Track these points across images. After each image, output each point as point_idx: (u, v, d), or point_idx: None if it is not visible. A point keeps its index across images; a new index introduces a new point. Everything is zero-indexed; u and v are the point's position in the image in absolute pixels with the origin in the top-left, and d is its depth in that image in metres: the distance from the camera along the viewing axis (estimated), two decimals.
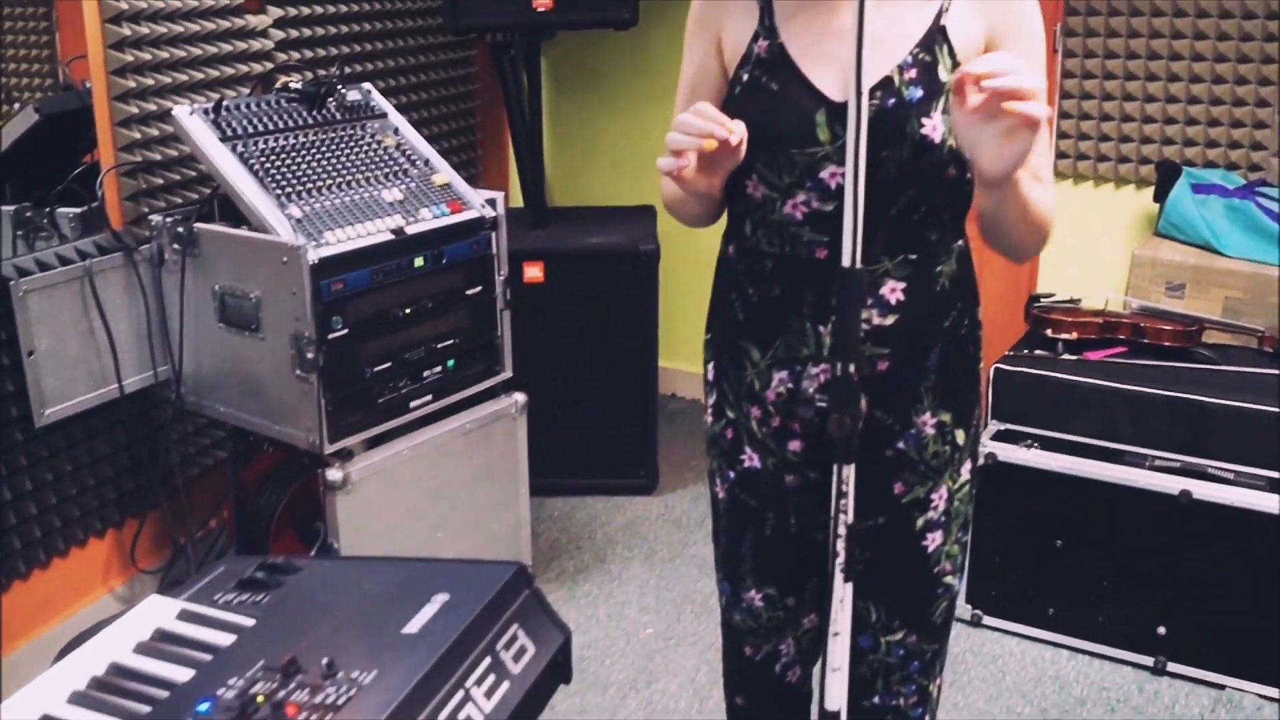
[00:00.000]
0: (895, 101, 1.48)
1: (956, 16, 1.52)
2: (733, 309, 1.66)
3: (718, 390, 1.73)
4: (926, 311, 1.57)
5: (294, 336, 2.50)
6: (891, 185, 1.49)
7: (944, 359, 1.61)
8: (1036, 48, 1.54)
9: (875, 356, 1.57)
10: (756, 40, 1.57)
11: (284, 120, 2.71)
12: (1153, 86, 3.37)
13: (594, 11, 3.25)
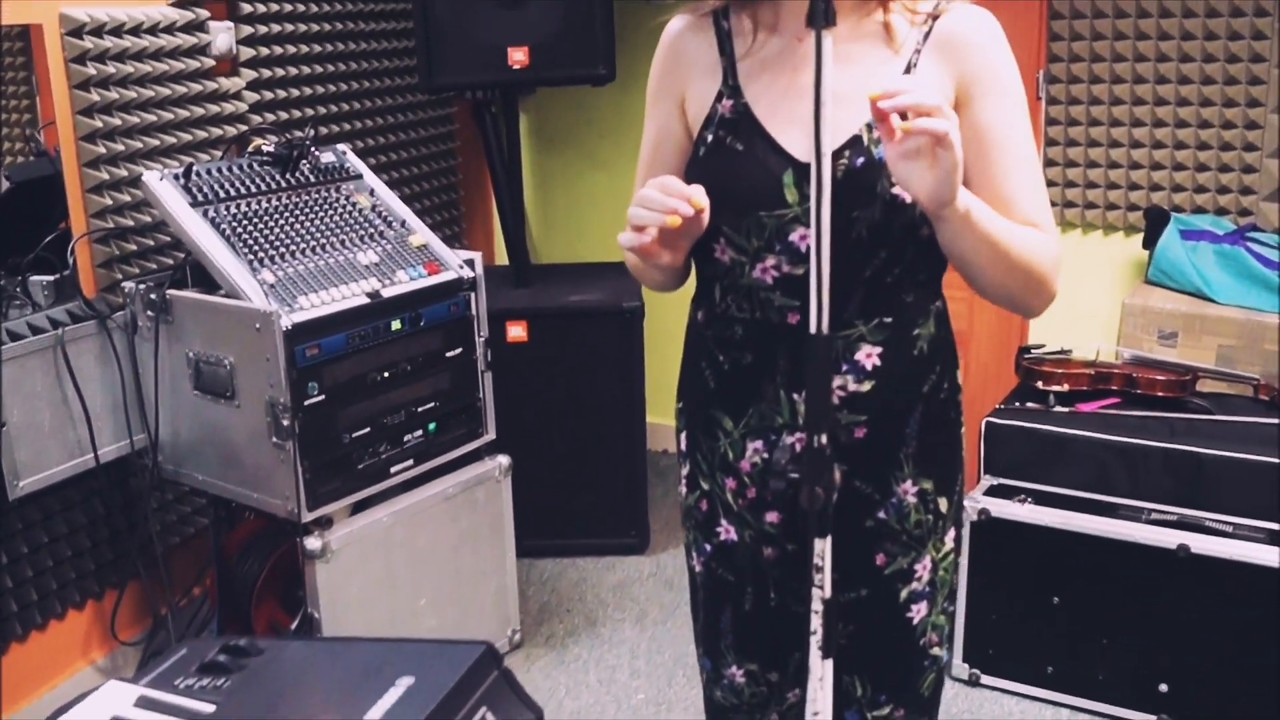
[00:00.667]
0: (865, 161, 1.44)
1: (924, 71, 1.48)
2: (703, 377, 1.61)
3: (691, 461, 1.68)
4: (904, 376, 1.52)
5: (269, 403, 2.46)
6: (863, 247, 1.45)
7: (924, 425, 1.55)
8: (1011, 97, 1.49)
9: (852, 424, 1.51)
10: (720, 100, 1.54)
11: (256, 184, 2.68)
12: (1138, 132, 3.34)
13: (571, 68, 3.23)
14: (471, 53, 3.19)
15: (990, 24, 1.50)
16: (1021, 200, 1.47)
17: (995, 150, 1.47)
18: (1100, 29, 3.31)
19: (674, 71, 1.60)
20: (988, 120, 1.47)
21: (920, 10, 1.49)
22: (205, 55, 2.95)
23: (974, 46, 1.47)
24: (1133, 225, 3.40)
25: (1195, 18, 3.19)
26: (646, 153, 1.66)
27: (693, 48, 1.58)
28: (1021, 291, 1.49)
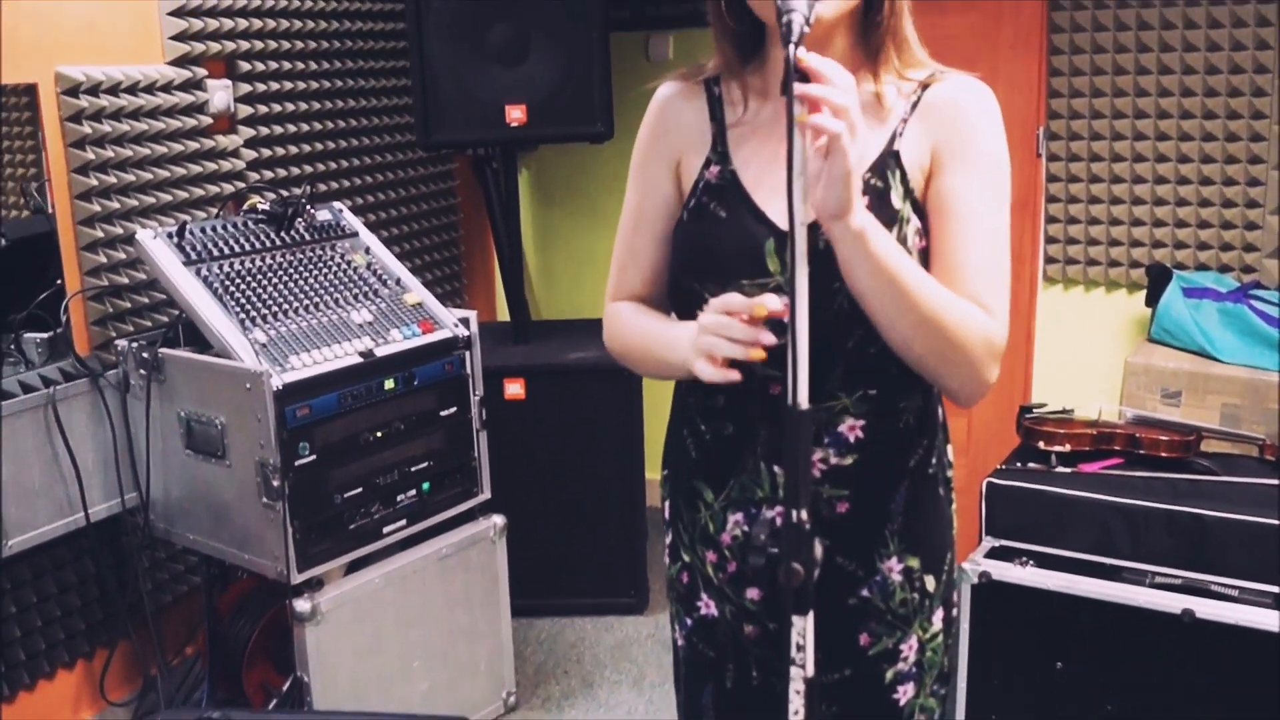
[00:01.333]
0: None
1: (910, 140, 1.45)
2: (685, 446, 1.58)
3: (674, 531, 1.64)
4: (889, 450, 1.48)
5: (259, 464, 2.44)
6: (845, 318, 1.41)
7: (910, 500, 1.51)
8: (984, 170, 1.43)
9: (834, 498, 1.48)
10: (708, 166, 1.52)
11: (250, 242, 2.67)
12: (1140, 189, 3.32)
13: (569, 126, 3.23)
14: (469, 110, 3.20)
15: (978, 94, 1.46)
16: (971, 274, 1.41)
17: (954, 220, 1.42)
18: (1100, 86, 3.31)
19: (666, 137, 1.58)
20: (953, 188, 1.43)
21: (911, 78, 1.47)
22: (203, 113, 2.96)
23: (955, 114, 1.44)
24: (1135, 282, 3.37)
25: (1195, 74, 3.19)
26: (631, 216, 1.63)
27: (684, 113, 1.57)
28: (936, 360, 1.39)
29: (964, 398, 1.45)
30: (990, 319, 1.41)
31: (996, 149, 1.45)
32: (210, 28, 2.96)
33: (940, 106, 1.45)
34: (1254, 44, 3.10)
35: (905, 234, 1.42)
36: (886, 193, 1.43)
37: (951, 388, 1.44)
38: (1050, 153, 3.41)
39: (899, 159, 1.44)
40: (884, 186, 1.43)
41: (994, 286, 1.42)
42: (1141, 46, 3.23)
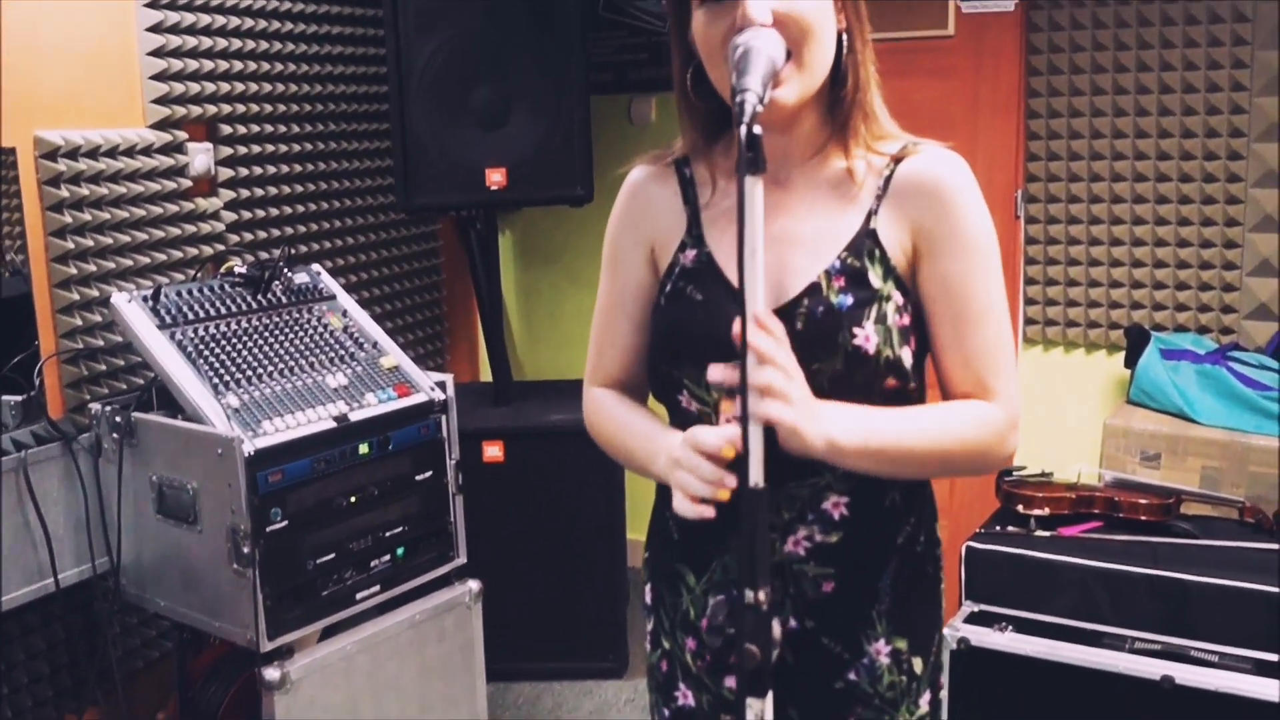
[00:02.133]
0: (824, 310, 1.39)
1: (887, 218, 1.43)
2: (668, 528, 1.56)
3: (655, 616, 1.61)
4: (875, 528, 1.45)
5: (230, 530, 2.42)
6: (825, 398, 1.38)
7: (898, 579, 1.48)
8: (972, 250, 1.42)
9: (820, 577, 1.45)
10: (684, 250, 1.51)
11: (226, 305, 2.67)
12: (1118, 250, 3.34)
13: (549, 189, 3.24)
14: (449, 173, 3.21)
15: (954, 171, 1.43)
16: (976, 361, 1.42)
17: (953, 307, 1.42)
18: (1076, 149, 3.33)
19: (639, 222, 1.57)
20: (946, 274, 1.42)
21: (883, 152, 1.45)
22: (183, 176, 2.97)
23: (933, 197, 1.42)
24: (1115, 344, 3.38)
25: (1171, 137, 3.21)
26: (607, 301, 1.60)
27: (657, 197, 1.55)
28: (955, 472, 1.46)
29: (990, 473, 1.48)
30: (997, 406, 1.43)
31: (981, 224, 1.44)
32: (192, 91, 2.98)
33: (917, 185, 1.43)
34: (1229, 108, 3.13)
35: (885, 311, 1.40)
36: (864, 273, 1.42)
37: (977, 475, 1.50)
38: (1029, 214, 3.43)
39: (876, 238, 1.43)
40: (861, 267, 1.42)
41: (998, 367, 1.43)
42: (1117, 110, 3.26)
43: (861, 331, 1.38)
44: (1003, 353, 1.44)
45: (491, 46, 3.17)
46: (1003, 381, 1.43)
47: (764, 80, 1.25)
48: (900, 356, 1.40)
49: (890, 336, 1.40)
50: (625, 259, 1.58)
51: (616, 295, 1.59)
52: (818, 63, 1.38)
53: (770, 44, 1.30)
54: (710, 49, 1.38)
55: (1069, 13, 3.27)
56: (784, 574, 1.46)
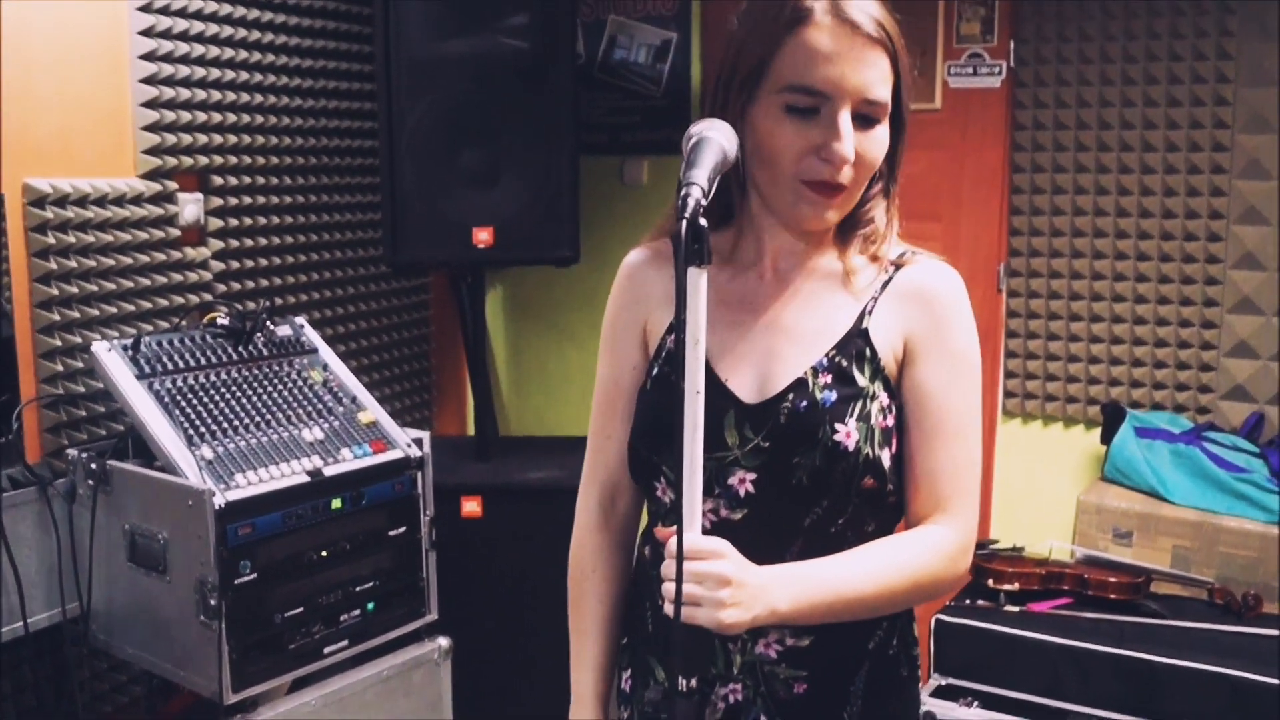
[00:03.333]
0: (808, 404, 1.41)
1: (880, 317, 1.46)
2: (644, 619, 1.57)
3: (629, 706, 1.62)
4: (847, 631, 1.45)
5: (198, 581, 2.43)
6: (804, 494, 1.41)
7: (871, 683, 1.49)
8: (956, 363, 1.45)
9: (792, 679, 1.46)
10: (670, 333, 1.52)
11: (207, 356, 2.69)
12: (1097, 327, 3.36)
13: (536, 250, 3.27)
14: (437, 231, 3.23)
15: (951, 284, 1.48)
16: (940, 479, 1.44)
17: (927, 419, 1.44)
18: (1059, 225, 3.37)
19: (634, 306, 1.59)
20: (927, 385, 1.45)
21: (882, 256, 1.48)
22: (172, 225, 3.00)
23: (928, 306, 1.45)
24: (1092, 419, 3.39)
25: (1151, 218, 3.25)
26: (604, 393, 1.61)
27: (651, 280, 1.58)
28: (908, 605, 1.47)
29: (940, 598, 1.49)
30: (951, 529, 1.44)
31: (970, 341, 1.47)
32: (184, 142, 3.02)
33: (914, 292, 1.46)
34: (1209, 190, 3.16)
35: (869, 410, 1.42)
36: (851, 371, 1.43)
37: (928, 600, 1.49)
38: (1010, 289, 3.46)
39: (868, 337, 1.45)
40: (849, 365, 1.44)
41: (961, 485, 1.45)
42: (1099, 189, 3.30)
43: (844, 427, 1.40)
44: (969, 472, 1.46)
45: (483, 106, 3.21)
46: (963, 501, 1.45)
47: (711, 174, 1.27)
48: (880, 457, 1.42)
49: (872, 435, 1.41)
50: (620, 347, 1.59)
51: (613, 386, 1.60)
52: (858, 194, 1.44)
53: (725, 137, 1.32)
54: (775, 155, 1.41)
55: (1053, 91, 3.32)
56: (755, 673, 1.47)
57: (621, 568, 1.66)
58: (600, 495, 1.65)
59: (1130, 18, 3.19)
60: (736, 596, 1.27)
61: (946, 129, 3.45)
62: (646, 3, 3.84)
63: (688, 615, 1.25)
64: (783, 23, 1.39)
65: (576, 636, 1.65)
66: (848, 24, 1.37)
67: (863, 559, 1.40)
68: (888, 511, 1.48)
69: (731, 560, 1.29)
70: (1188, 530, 3.00)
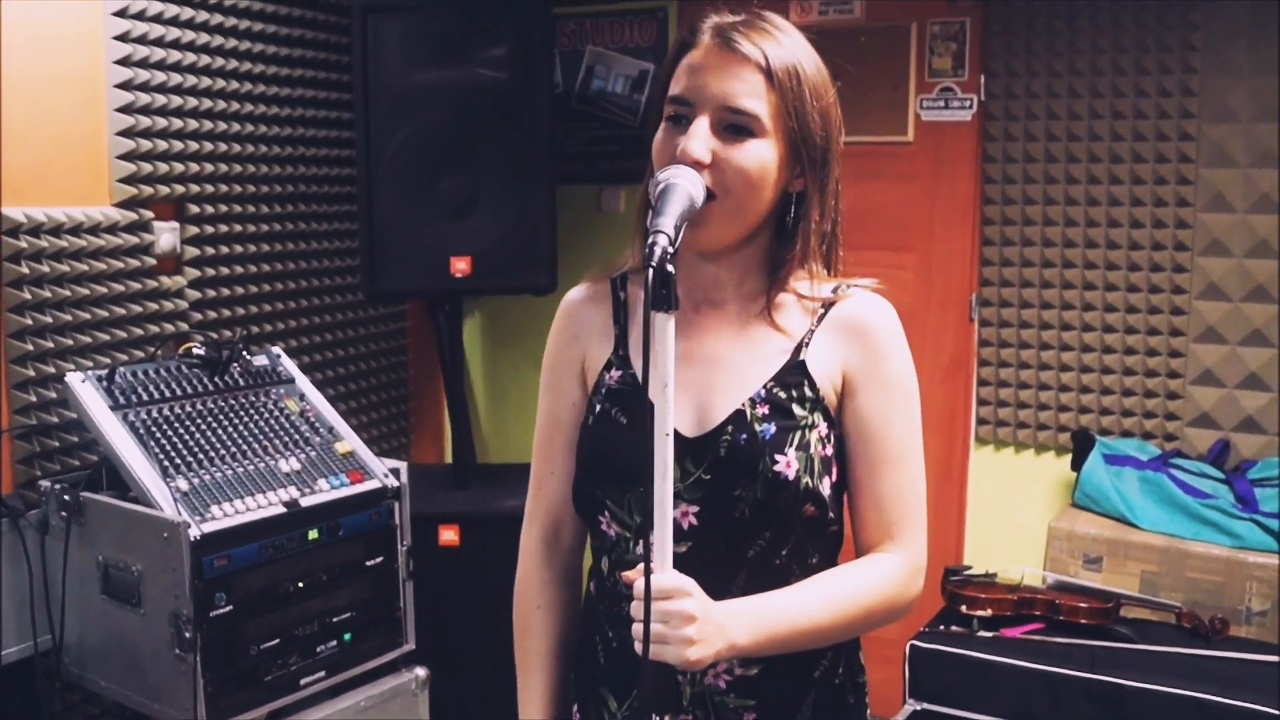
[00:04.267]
0: (747, 437, 1.43)
1: (817, 350, 1.48)
2: (595, 652, 1.57)
3: None
4: (793, 660, 1.46)
5: (173, 614, 2.42)
6: (747, 525, 1.42)
7: (818, 710, 1.51)
8: (895, 392, 1.48)
9: (741, 708, 1.47)
10: (609, 369, 1.54)
11: (182, 387, 2.69)
12: (1066, 356, 3.41)
13: (513, 279, 3.28)
14: (415, 260, 3.25)
15: (884, 316, 1.50)
16: (887, 504, 1.47)
17: (870, 447, 1.47)
18: (1029, 256, 3.41)
19: (573, 343, 1.60)
20: (868, 415, 1.47)
21: (816, 296, 1.50)
22: (148, 254, 3.00)
23: (865, 339, 1.48)
24: (1063, 446, 3.43)
25: (1118, 249, 3.30)
26: (546, 426, 1.63)
27: (590, 316, 1.60)
28: (864, 631, 1.48)
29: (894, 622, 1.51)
30: (901, 555, 1.48)
31: (905, 369, 1.50)
32: (160, 171, 3.02)
33: (850, 325, 1.49)
34: (1174, 223, 3.22)
35: (808, 439, 1.44)
36: (788, 402, 1.46)
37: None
38: (982, 318, 3.50)
39: (806, 369, 1.47)
40: (786, 396, 1.46)
41: (908, 511, 1.48)
42: (1068, 220, 3.35)
43: (783, 458, 1.42)
44: (914, 497, 1.49)
45: (461, 137, 3.23)
46: (910, 527, 1.48)
47: (678, 221, 1.29)
48: (819, 486, 1.44)
49: (811, 465, 1.43)
50: (560, 382, 1.61)
51: (554, 419, 1.62)
52: (743, 212, 1.43)
53: (690, 183, 1.35)
54: (654, 165, 1.44)
55: (1023, 124, 3.37)
56: (705, 704, 1.48)
57: (567, 601, 1.67)
58: (544, 530, 1.66)
59: (1097, 54, 3.25)
60: (702, 633, 1.29)
61: (919, 161, 3.50)
62: (624, 33, 3.88)
63: (655, 653, 1.27)
64: (677, 50, 1.48)
65: (524, 672, 1.65)
66: (725, 43, 1.42)
67: (816, 589, 1.43)
68: (829, 541, 1.51)
69: (696, 598, 1.31)
70: (1156, 556, 3.04)
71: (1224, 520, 3.00)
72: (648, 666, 1.26)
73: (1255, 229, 3.12)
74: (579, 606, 1.67)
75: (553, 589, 1.66)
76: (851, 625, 1.44)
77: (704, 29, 1.46)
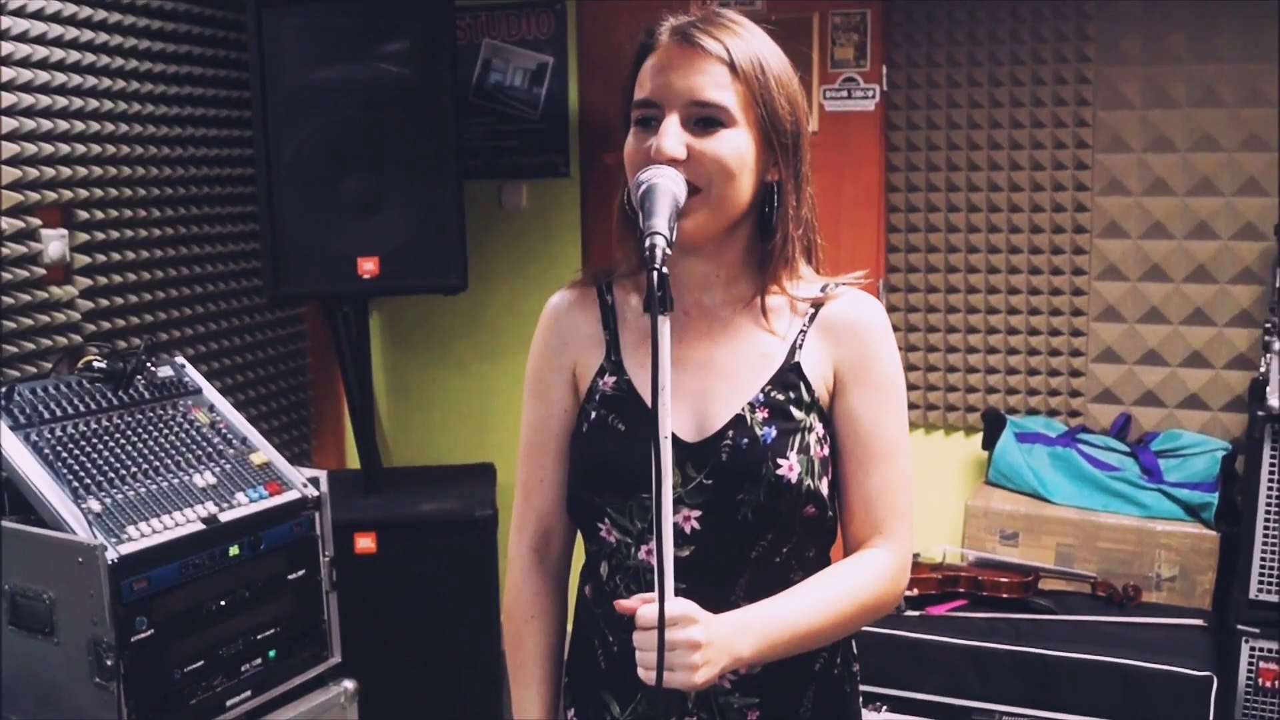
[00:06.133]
0: (749, 441, 1.43)
1: (810, 351, 1.49)
2: (594, 656, 1.55)
3: None
4: (794, 656, 1.47)
5: (92, 642, 2.30)
6: (750, 528, 1.43)
7: (819, 703, 1.52)
8: (884, 390, 1.50)
9: (745, 707, 1.48)
10: (602, 375, 1.52)
11: (85, 403, 2.56)
12: (973, 338, 3.48)
13: (422, 278, 3.22)
14: (320, 262, 3.15)
15: (874, 314, 1.52)
16: (876, 502, 1.49)
17: (860, 445, 1.48)
18: (934, 242, 3.48)
19: (562, 348, 1.58)
20: (858, 413, 1.48)
21: (804, 296, 1.51)
22: (36, 264, 2.85)
23: (856, 337, 1.49)
24: (973, 425, 3.51)
25: (1020, 233, 3.39)
26: (534, 435, 1.61)
27: (578, 322, 1.58)
28: (857, 628, 1.51)
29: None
30: (890, 551, 1.50)
31: (894, 367, 1.52)
32: (46, 176, 2.87)
33: (840, 324, 1.50)
34: (1073, 207, 3.32)
35: (808, 442, 1.45)
36: (787, 404, 1.46)
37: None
38: (890, 303, 3.56)
39: (800, 371, 1.48)
40: (784, 400, 1.46)
41: (896, 508, 1.50)
42: (971, 207, 3.43)
43: (785, 462, 1.43)
44: (903, 494, 1.51)
45: (363, 135, 3.15)
46: (899, 523, 1.50)
47: (670, 220, 1.29)
48: (820, 487, 1.46)
49: (812, 467, 1.45)
50: (549, 389, 1.59)
51: (543, 428, 1.59)
52: (723, 202, 1.43)
53: (672, 181, 1.34)
54: (628, 171, 1.43)
55: (925, 113, 3.43)
56: (709, 705, 1.48)
57: (559, 608, 1.66)
58: (534, 539, 1.64)
59: (995, 44, 3.33)
60: (707, 656, 1.30)
61: (824, 151, 3.53)
62: (521, 27, 3.83)
63: (670, 684, 1.28)
64: (636, 55, 1.48)
65: (519, 684, 1.63)
66: (684, 40, 1.43)
67: (813, 592, 1.44)
68: (826, 536, 1.53)
69: (701, 624, 1.30)
70: (1069, 529, 3.13)
71: (1132, 491, 3.11)
72: (659, 696, 1.27)
73: (1150, 211, 3.24)
74: (567, 612, 1.65)
75: (545, 598, 1.63)
76: (847, 624, 1.46)
77: (660, 31, 1.46)
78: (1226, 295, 3.20)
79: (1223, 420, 3.25)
